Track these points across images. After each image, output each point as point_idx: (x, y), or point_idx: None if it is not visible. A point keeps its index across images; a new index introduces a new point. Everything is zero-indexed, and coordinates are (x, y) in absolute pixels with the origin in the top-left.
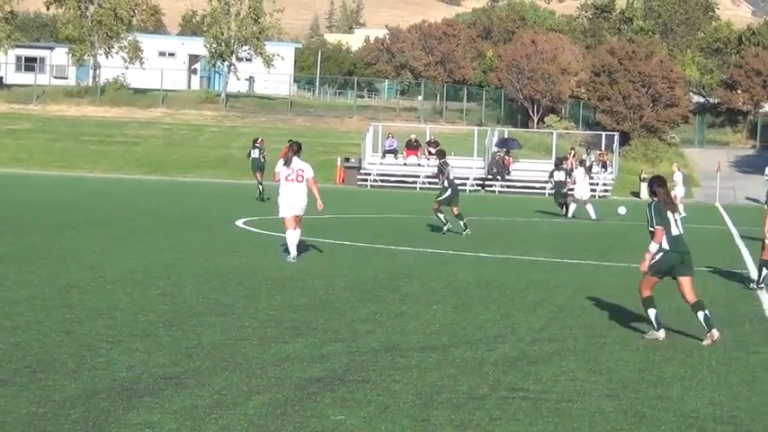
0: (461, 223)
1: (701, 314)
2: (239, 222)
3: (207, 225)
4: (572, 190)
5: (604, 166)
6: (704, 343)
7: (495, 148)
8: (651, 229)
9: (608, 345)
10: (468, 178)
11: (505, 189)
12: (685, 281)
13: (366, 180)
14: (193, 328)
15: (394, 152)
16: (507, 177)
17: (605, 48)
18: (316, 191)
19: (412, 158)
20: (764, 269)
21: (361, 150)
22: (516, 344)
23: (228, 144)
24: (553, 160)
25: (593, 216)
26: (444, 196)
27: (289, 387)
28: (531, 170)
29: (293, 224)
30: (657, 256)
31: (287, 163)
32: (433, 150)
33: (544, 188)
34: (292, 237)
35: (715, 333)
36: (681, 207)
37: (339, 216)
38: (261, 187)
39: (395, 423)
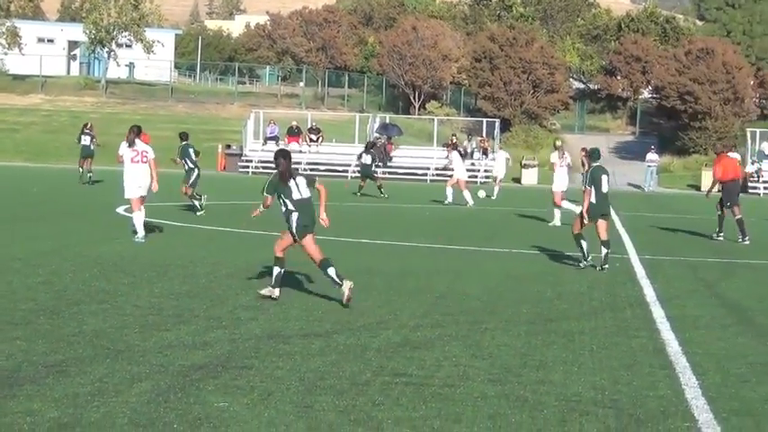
0: None
1: None
2: (120, 209)
3: (87, 212)
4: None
5: (485, 152)
6: None
7: (376, 134)
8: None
9: (490, 330)
10: (349, 165)
11: (387, 176)
12: None
13: (247, 167)
14: (74, 316)
15: (275, 139)
16: (389, 164)
17: (486, 34)
18: (154, 172)
19: (293, 145)
20: (583, 242)
21: (243, 137)
22: (399, 330)
23: (109, 131)
24: (435, 146)
25: (470, 202)
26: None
27: (171, 374)
28: (412, 156)
29: (139, 205)
30: None
31: (130, 145)
32: (314, 137)
33: (426, 174)
34: (139, 217)
35: None
36: (496, 189)
37: (221, 203)
38: (89, 175)
39: (278, 409)
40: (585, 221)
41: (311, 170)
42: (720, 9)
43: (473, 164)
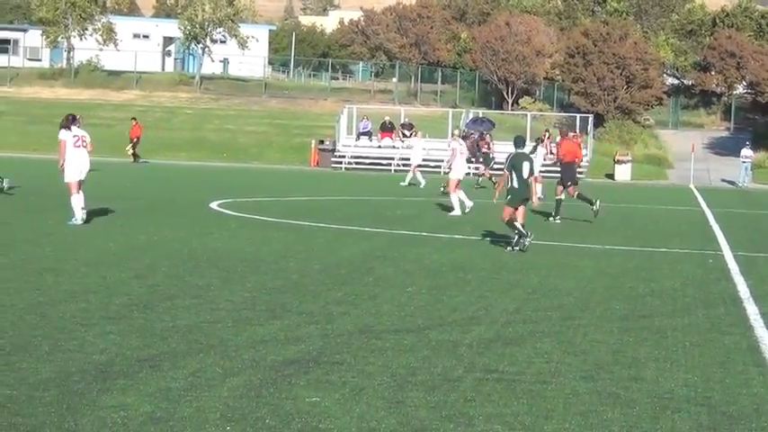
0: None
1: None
2: (213, 205)
3: (181, 207)
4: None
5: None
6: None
7: (467, 129)
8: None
9: (582, 326)
10: (442, 160)
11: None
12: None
13: (340, 162)
14: (168, 311)
15: (368, 134)
16: (481, 159)
17: (579, 30)
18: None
19: (386, 140)
20: (516, 224)
21: (336, 132)
22: (491, 325)
23: (202, 126)
24: (528, 141)
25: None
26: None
27: (263, 369)
28: (506, 152)
29: (77, 188)
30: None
31: (68, 129)
32: (407, 133)
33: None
34: (78, 200)
35: None
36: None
37: (313, 198)
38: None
39: (369, 405)
40: (511, 209)
41: (403, 165)
42: None
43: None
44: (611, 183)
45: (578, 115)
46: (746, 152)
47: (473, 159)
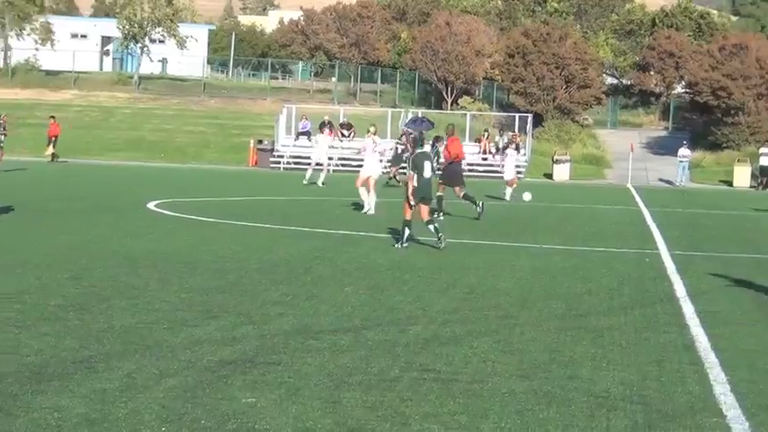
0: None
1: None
2: (151, 205)
3: (118, 208)
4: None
5: (517, 147)
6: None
7: (405, 129)
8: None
9: (519, 325)
10: (381, 160)
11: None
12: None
13: (279, 162)
14: (104, 312)
15: (307, 134)
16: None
17: (519, 30)
18: None
19: (326, 139)
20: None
21: (275, 132)
22: (428, 325)
23: (141, 126)
24: (467, 141)
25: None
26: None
27: (199, 370)
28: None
29: None
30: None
31: None
32: (346, 132)
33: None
34: None
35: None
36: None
37: (251, 198)
38: None
39: (306, 405)
40: (412, 203)
41: (342, 165)
42: (755, 4)
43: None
44: (550, 182)
45: (517, 115)
46: (684, 152)
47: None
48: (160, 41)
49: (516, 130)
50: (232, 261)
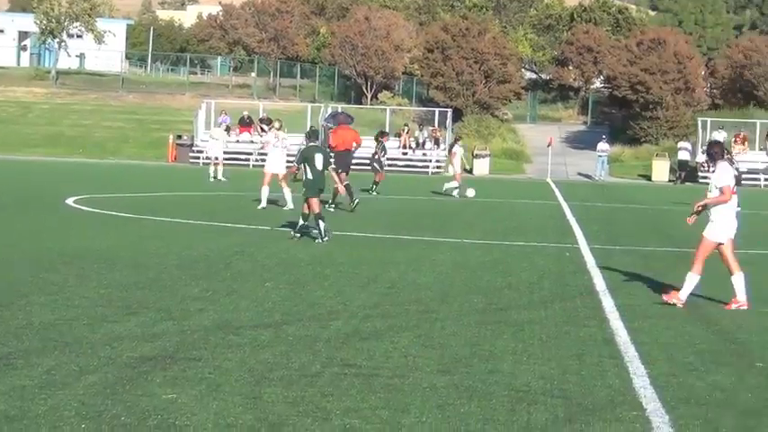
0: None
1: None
2: (70, 201)
3: (37, 204)
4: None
5: (437, 142)
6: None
7: (325, 123)
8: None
9: (440, 320)
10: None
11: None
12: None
13: (198, 158)
14: (22, 308)
15: (227, 129)
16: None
17: (438, 24)
18: None
19: (245, 135)
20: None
21: (194, 128)
22: (349, 320)
23: (59, 121)
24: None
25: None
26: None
27: (119, 366)
28: (364, 146)
29: None
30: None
31: None
32: (266, 128)
33: (373, 164)
34: None
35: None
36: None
37: (171, 194)
38: None
39: (227, 401)
40: (315, 198)
41: (263, 160)
42: None
43: (425, 154)
44: (470, 177)
45: (437, 110)
46: (603, 146)
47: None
48: (78, 36)
49: (436, 124)
50: (151, 257)
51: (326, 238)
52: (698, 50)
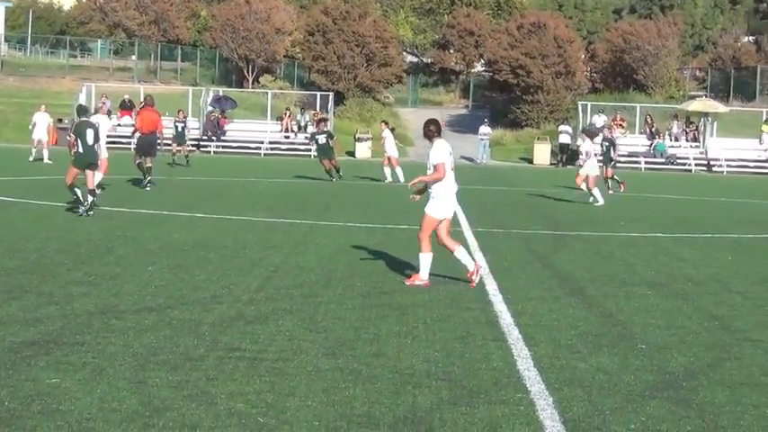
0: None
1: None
2: None
3: None
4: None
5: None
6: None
7: (209, 108)
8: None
9: (324, 303)
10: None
11: (221, 150)
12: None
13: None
14: None
15: (108, 113)
16: (223, 138)
17: (319, 8)
18: None
19: (126, 119)
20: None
21: (74, 111)
22: (233, 304)
23: None
24: (269, 119)
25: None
26: None
27: (1, 351)
28: (247, 130)
29: None
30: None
31: None
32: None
33: (260, 148)
34: None
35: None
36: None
37: (50, 177)
38: None
39: (111, 385)
40: (76, 170)
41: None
42: None
43: (306, 137)
44: (353, 160)
45: (319, 93)
46: (485, 129)
47: (214, 137)
48: None
49: (318, 108)
50: (33, 241)
51: (90, 213)
52: (578, 34)
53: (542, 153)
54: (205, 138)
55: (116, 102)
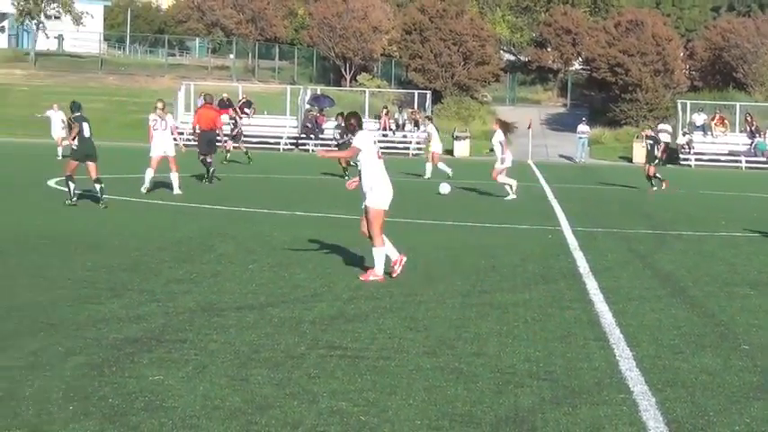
0: None
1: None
2: (51, 182)
3: (18, 186)
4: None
5: (417, 124)
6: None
7: (307, 106)
8: None
9: (424, 302)
10: (281, 137)
11: (319, 147)
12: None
13: (177, 139)
14: (7, 290)
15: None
16: (321, 136)
17: (416, 6)
18: None
19: (224, 117)
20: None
21: (174, 109)
22: (333, 302)
23: (38, 104)
24: (366, 118)
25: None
26: None
27: (105, 348)
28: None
29: None
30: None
31: None
32: (247, 110)
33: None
34: None
35: None
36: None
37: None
38: None
39: (213, 383)
40: (75, 162)
41: (245, 142)
42: None
43: (404, 136)
44: (451, 158)
45: (416, 92)
46: (583, 128)
47: (312, 135)
48: (56, 17)
49: (416, 106)
50: (135, 239)
51: (70, 201)
52: (676, 32)
53: (642, 152)
54: (303, 136)
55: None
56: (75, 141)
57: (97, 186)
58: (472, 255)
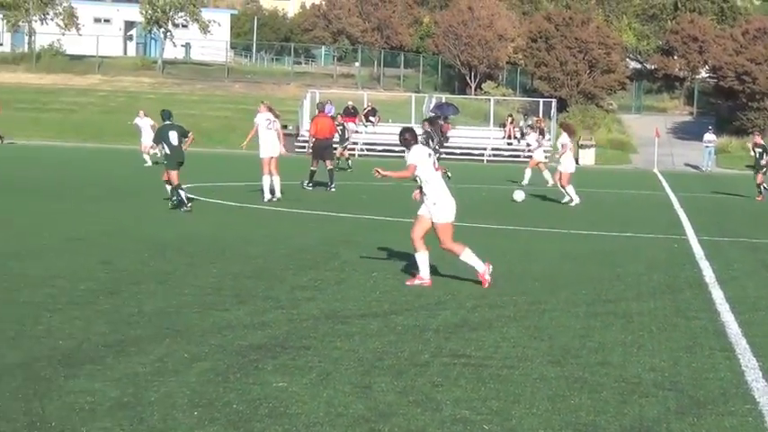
0: None
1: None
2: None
3: (146, 192)
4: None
5: (542, 132)
6: None
7: (431, 113)
8: None
9: (548, 311)
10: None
11: (444, 156)
12: None
13: (304, 147)
14: (134, 296)
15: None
16: (445, 144)
17: (542, 14)
18: None
19: (350, 125)
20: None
21: (299, 117)
22: (457, 310)
23: None
24: (491, 126)
25: (550, 181)
26: None
27: (230, 354)
28: (469, 137)
29: None
30: None
31: None
32: (372, 118)
33: (483, 155)
34: None
35: None
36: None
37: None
38: None
39: (337, 390)
40: (174, 171)
41: (368, 151)
42: None
43: (528, 144)
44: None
45: (541, 100)
46: (709, 137)
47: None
48: (183, 26)
49: (540, 115)
50: (259, 246)
51: (186, 208)
52: None
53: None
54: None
55: (339, 107)
56: (166, 149)
57: (182, 194)
58: (596, 263)
